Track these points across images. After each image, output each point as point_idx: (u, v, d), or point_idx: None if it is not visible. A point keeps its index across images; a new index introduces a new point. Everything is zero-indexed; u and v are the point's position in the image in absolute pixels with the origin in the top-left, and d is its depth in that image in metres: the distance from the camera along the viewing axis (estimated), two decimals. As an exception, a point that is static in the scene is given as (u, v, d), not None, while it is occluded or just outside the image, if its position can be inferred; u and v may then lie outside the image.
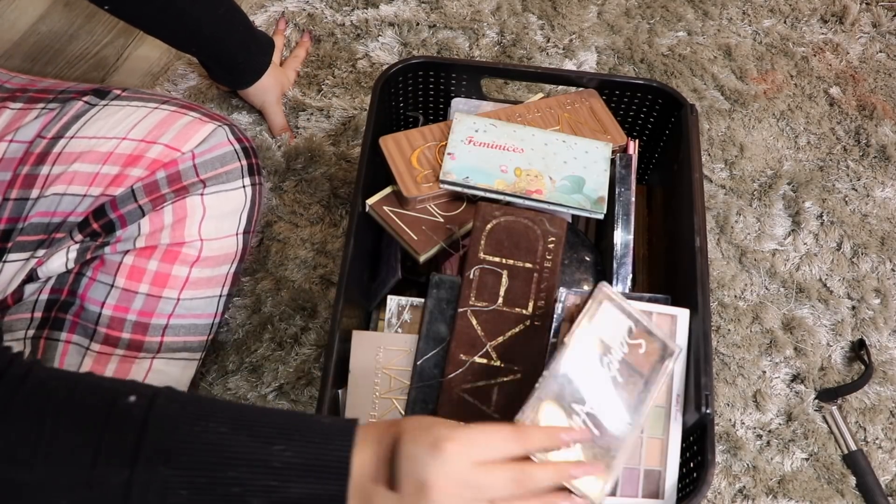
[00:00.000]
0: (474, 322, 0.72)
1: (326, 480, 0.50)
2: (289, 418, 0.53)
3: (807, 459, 0.92)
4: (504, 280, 0.74)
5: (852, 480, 0.91)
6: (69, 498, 0.49)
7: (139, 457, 0.48)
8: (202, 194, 0.76)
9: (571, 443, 0.56)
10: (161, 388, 0.52)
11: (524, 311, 0.73)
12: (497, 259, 0.75)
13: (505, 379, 0.71)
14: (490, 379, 0.71)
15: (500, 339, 0.72)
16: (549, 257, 0.75)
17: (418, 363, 0.73)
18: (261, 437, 0.50)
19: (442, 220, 0.81)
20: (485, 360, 0.71)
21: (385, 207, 0.81)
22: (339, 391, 0.73)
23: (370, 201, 0.81)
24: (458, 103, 0.91)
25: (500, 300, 0.73)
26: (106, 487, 0.48)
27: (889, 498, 0.90)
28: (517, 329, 0.72)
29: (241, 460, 0.50)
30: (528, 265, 0.74)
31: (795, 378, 0.97)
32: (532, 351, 0.72)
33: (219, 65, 1.02)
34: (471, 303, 0.73)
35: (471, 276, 0.74)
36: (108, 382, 0.52)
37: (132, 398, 0.50)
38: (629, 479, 0.70)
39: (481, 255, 0.75)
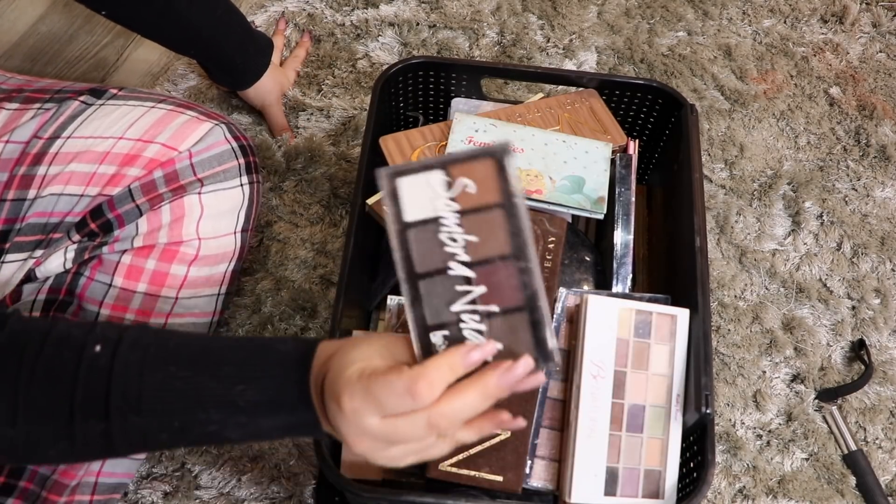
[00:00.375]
0: None
1: (294, 412, 0.50)
2: (247, 355, 0.52)
3: (807, 459, 0.92)
4: None
5: (852, 480, 0.91)
6: (56, 448, 0.51)
7: (110, 408, 0.49)
8: (200, 193, 0.76)
9: (481, 360, 0.48)
10: (127, 329, 0.52)
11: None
12: None
13: None
14: None
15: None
16: (548, 257, 0.75)
17: (418, 363, 0.72)
18: (222, 378, 0.50)
19: (442, 220, 0.81)
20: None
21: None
22: (339, 391, 0.72)
23: (370, 201, 0.81)
24: (458, 103, 0.91)
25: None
26: (88, 438, 0.50)
27: (889, 498, 0.90)
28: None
29: (208, 402, 0.50)
30: None
31: (795, 378, 0.97)
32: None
33: (218, 66, 1.02)
34: None
35: None
36: (76, 330, 0.52)
37: (97, 348, 0.51)
38: (629, 480, 0.70)
39: None
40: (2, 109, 0.75)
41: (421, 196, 0.48)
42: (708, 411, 0.67)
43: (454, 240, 0.48)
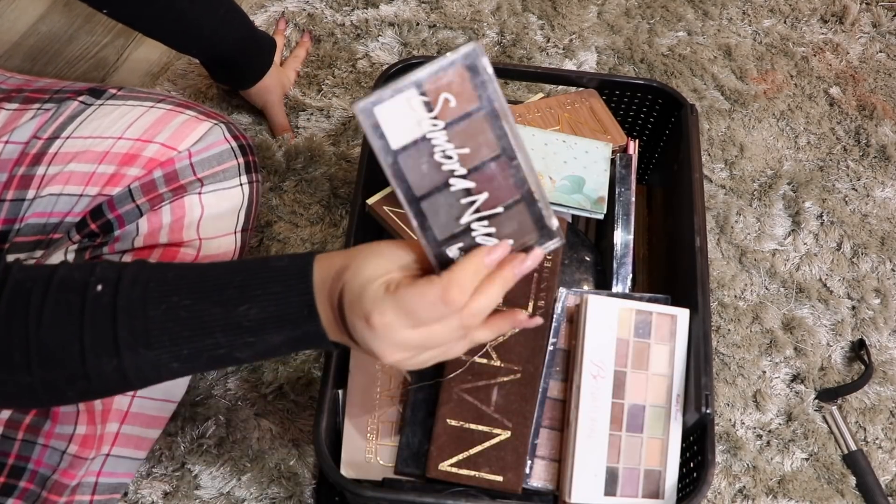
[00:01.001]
0: None
1: (300, 324, 0.51)
2: (247, 274, 0.53)
3: (807, 459, 0.92)
4: None
5: (852, 480, 0.91)
6: (74, 389, 0.52)
7: (119, 345, 0.50)
8: (200, 193, 0.76)
9: (496, 259, 0.51)
10: (126, 266, 0.53)
11: (524, 311, 0.73)
12: None
13: (504, 379, 0.71)
14: (490, 379, 0.71)
15: (500, 338, 0.72)
16: (549, 257, 0.75)
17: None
18: (223, 302, 0.51)
19: (442, 220, 0.81)
20: (484, 360, 0.71)
21: (385, 207, 0.81)
22: (339, 391, 0.73)
23: (370, 201, 0.81)
24: (458, 103, 0.91)
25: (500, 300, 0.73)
26: (103, 375, 0.51)
27: (889, 498, 0.90)
28: (517, 329, 0.72)
29: (214, 326, 0.51)
30: None
31: (795, 378, 0.97)
32: (532, 350, 0.72)
33: (219, 66, 1.02)
34: None
35: None
36: (77, 272, 0.53)
37: (99, 287, 0.51)
38: (629, 480, 0.70)
39: None
40: (1, 109, 0.75)
41: (403, 119, 0.47)
42: (708, 411, 0.67)
43: (449, 156, 0.49)
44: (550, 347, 0.74)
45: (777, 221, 1.08)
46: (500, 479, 0.68)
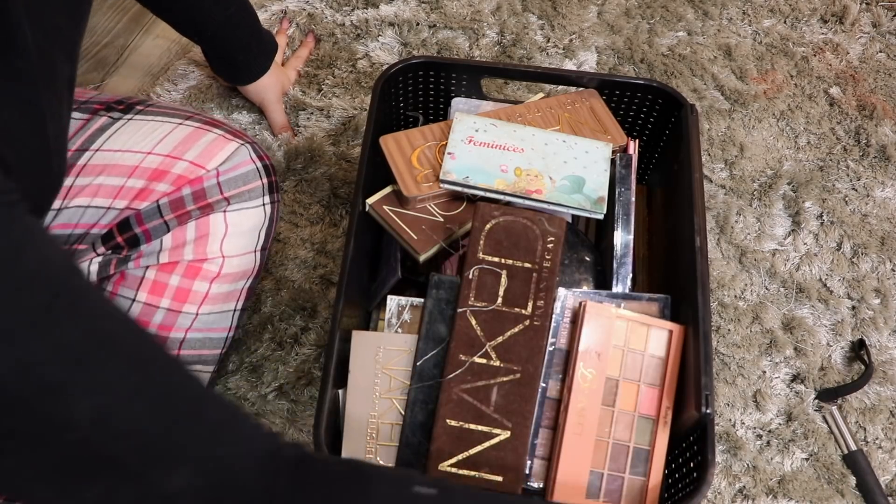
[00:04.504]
0: (473, 322, 0.72)
1: None
2: None
3: (807, 459, 0.92)
4: (503, 280, 0.74)
5: (852, 480, 0.91)
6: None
7: None
8: (225, 211, 0.77)
9: None
10: None
11: (523, 311, 0.73)
12: (496, 259, 0.75)
13: (504, 379, 0.71)
14: (489, 379, 0.71)
15: (500, 339, 0.72)
16: (548, 257, 0.75)
17: (418, 364, 0.73)
18: None
19: (442, 219, 0.81)
20: (484, 360, 0.72)
21: (385, 207, 0.81)
22: (339, 391, 0.73)
23: (370, 201, 0.81)
24: (458, 103, 0.91)
25: (500, 300, 0.73)
26: None
27: (889, 498, 0.90)
28: (516, 329, 0.72)
29: None
30: (528, 265, 0.74)
31: (795, 378, 0.97)
32: (531, 350, 0.72)
33: (218, 59, 1.03)
34: (470, 303, 0.73)
35: (470, 277, 0.74)
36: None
37: None
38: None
39: (480, 255, 0.75)
40: None
41: None
42: (708, 411, 0.67)
43: None
44: (550, 347, 0.74)
45: (777, 221, 1.08)
46: (499, 479, 0.69)
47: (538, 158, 0.82)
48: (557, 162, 0.82)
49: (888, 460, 0.92)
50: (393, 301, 0.77)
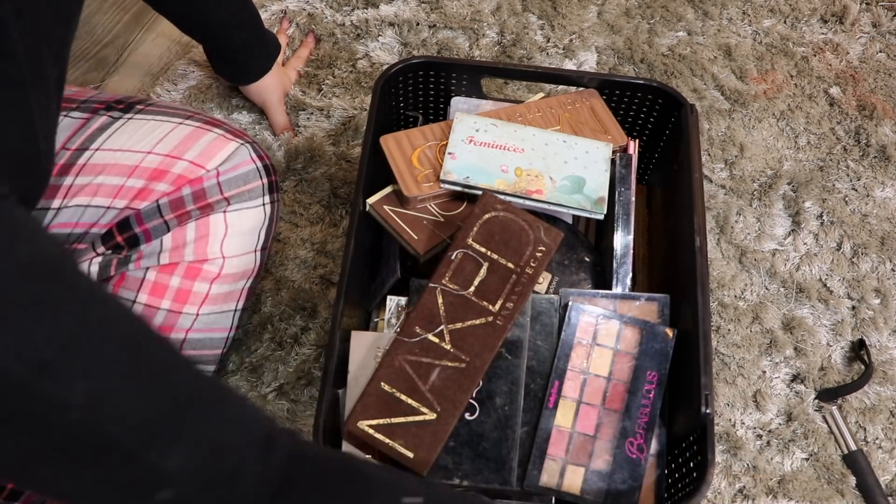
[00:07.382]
0: (440, 301, 0.72)
1: None
2: None
3: (807, 459, 0.92)
4: (483, 272, 0.74)
5: (852, 480, 0.91)
6: None
7: None
8: (225, 212, 0.77)
9: None
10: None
11: (491, 307, 0.73)
12: (483, 249, 0.75)
13: (449, 364, 0.70)
14: (435, 359, 0.70)
15: (459, 325, 0.72)
16: (532, 264, 0.75)
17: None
18: None
19: (442, 219, 0.81)
20: (437, 340, 0.71)
21: (385, 207, 0.81)
22: (339, 391, 0.72)
23: (370, 200, 0.81)
24: (458, 103, 0.91)
25: (472, 289, 0.73)
26: None
27: (889, 498, 0.90)
28: (478, 321, 0.72)
29: None
30: (511, 265, 0.74)
31: (795, 378, 0.97)
32: (484, 346, 0.71)
33: (219, 57, 1.02)
34: (443, 282, 0.73)
35: (452, 258, 0.74)
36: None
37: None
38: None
39: (469, 240, 0.75)
40: None
41: None
42: (708, 411, 0.67)
43: None
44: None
45: (777, 221, 1.08)
46: (410, 455, 0.67)
47: (538, 158, 0.82)
48: (558, 162, 0.82)
49: (888, 460, 0.92)
50: (393, 301, 0.77)
